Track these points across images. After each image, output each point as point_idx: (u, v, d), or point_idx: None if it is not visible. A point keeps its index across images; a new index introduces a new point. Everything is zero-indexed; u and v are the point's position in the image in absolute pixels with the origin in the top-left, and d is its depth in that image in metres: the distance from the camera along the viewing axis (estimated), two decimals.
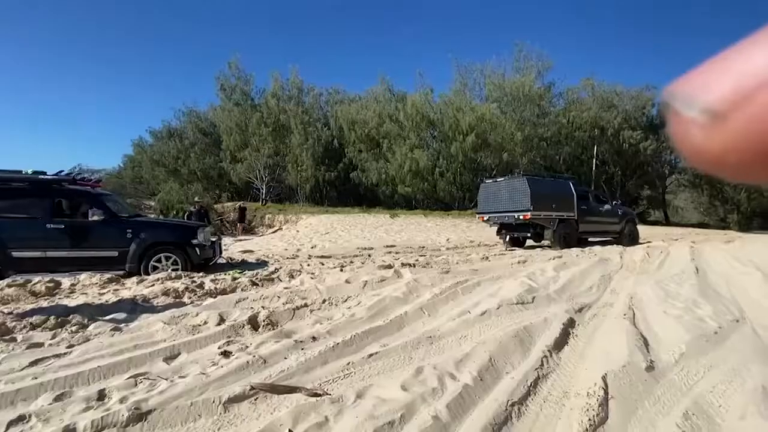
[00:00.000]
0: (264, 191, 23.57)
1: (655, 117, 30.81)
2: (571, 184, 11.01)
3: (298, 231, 13.23)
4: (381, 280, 4.86)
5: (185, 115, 30.03)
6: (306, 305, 3.93)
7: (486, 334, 3.08)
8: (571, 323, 3.40)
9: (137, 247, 5.95)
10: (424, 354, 2.78)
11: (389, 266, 5.92)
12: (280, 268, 6.22)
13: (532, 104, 24.55)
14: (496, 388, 2.27)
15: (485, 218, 11.24)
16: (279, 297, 4.21)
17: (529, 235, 10.67)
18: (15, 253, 5.51)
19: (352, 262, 6.96)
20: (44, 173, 5.95)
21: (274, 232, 15.06)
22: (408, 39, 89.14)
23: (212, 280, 5.09)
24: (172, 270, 5.93)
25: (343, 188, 25.91)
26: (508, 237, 10.98)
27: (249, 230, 17.12)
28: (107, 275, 5.40)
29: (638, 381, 2.36)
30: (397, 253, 8.43)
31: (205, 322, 3.47)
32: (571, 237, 10.33)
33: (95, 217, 5.82)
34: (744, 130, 0.21)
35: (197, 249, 6.26)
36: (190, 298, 4.48)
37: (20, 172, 5.89)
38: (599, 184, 27.78)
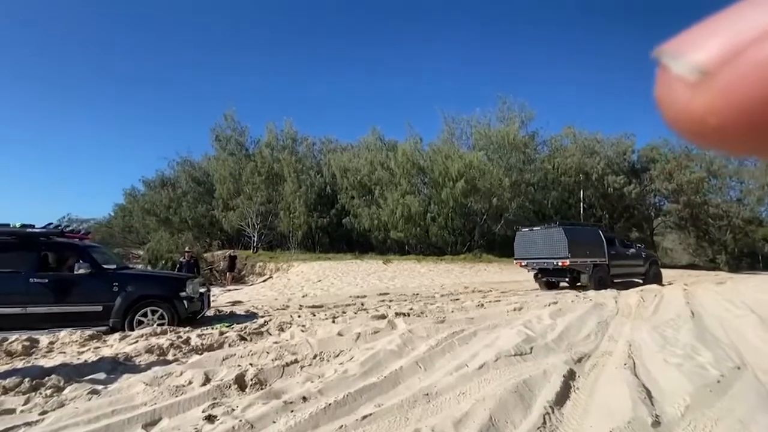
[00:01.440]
0: (255, 239, 23.42)
1: (636, 162, 32.11)
2: (600, 231, 11.91)
3: (289, 279, 12.99)
4: (374, 331, 4.73)
5: (179, 164, 30.49)
6: (296, 361, 3.77)
7: (485, 390, 2.96)
8: (571, 375, 3.29)
9: (123, 300, 5.73)
10: (421, 414, 2.65)
11: (383, 316, 5.78)
12: (270, 320, 6.03)
13: (518, 152, 25.50)
14: None
15: (523, 263, 11.89)
16: (268, 353, 4.05)
17: (567, 279, 11.23)
18: None
19: (344, 312, 6.78)
20: (32, 226, 5.83)
21: (264, 281, 14.76)
22: (397, 91, 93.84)
23: (199, 335, 4.90)
24: (158, 325, 5.68)
25: (335, 234, 25.89)
26: (545, 279, 11.70)
27: (239, 279, 16.77)
28: (88, 332, 5.16)
29: None
30: (390, 301, 8.27)
31: (190, 382, 3.29)
32: (604, 280, 10.93)
33: (81, 271, 5.64)
34: (727, 89, 0.21)
35: (185, 302, 6.04)
36: (174, 355, 4.28)
37: (8, 225, 5.75)
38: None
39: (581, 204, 27.40)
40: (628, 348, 4.18)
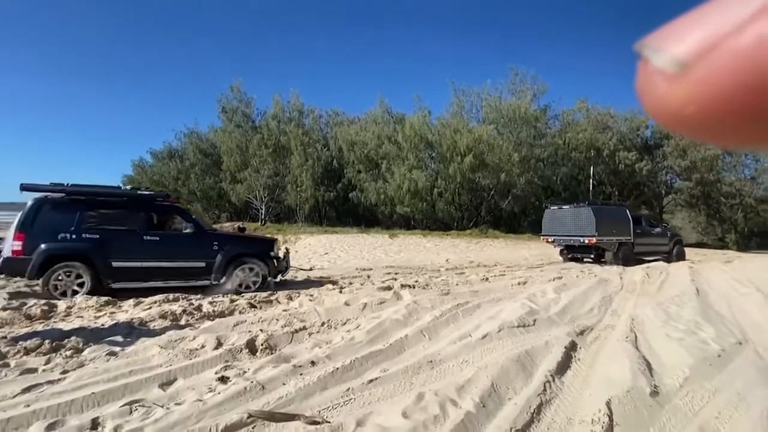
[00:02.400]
0: (263, 211, 23.61)
1: (650, 138, 31.33)
2: (627, 211, 12.34)
3: (296, 251, 13.15)
4: (380, 302, 4.82)
5: (186, 136, 30.41)
6: (305, 328, 3.88)
7: (487, 358, 3.04)
8: (573, 346, 3.36)
9: (222, 258, 6.22)
10: (425, 379, 2.74)
11: (388, 288, 5.88)
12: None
13: (529, 126, 24.94)
14: (499, 415, 2.23)
15: (550, 240, 12.41)
16: (277, 320, 4.17)
17: (591, 256, 11.67)
18: (115, 264, 5.74)
19: (351, 283, 6.91)
20: (138, 189, 6.64)
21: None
22: (406, 63, 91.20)
23: (210, 303, 5.04)
24: (252, 282, 6.33)
25: (342, 208, 25.97)
26: (570, 256, 12.33)
27: None
28: (104, 298, 5.34)
29: (643, 407, 2.32)
30: (396, 273, 8.38)
31: (203, 346, 3.41)
32: (628, 257, 11.38)
33: (188, 230, 6.25)
34: (703, 80, 0.22)
35: (275, 261, 6.63)
36: (187, 320, 4.42)
37: (119, 188, 6.61)
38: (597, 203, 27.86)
39: (591, 180, 27.01)
40: (631, 322, 4.23)
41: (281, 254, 6.95)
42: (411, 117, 23.83)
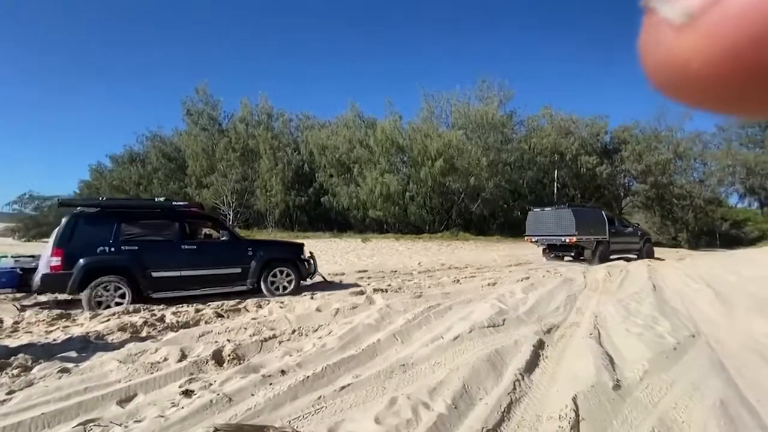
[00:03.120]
0: (231, 217, 22.94)
1: (609, 143, 33.02)
2: (603, 212, 13.44)
3: None
4: (353, 307, 4.79)
5: (148, 139, 29.15)
6: (275, 336, 3.78)
7: (459, 360, 3.07)
8: (540, 345, 3.45)
9: (257, 263, 6.44)
10: (397, 383, 2.73)
11: (361, 292, 5.85)
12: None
13: (496, 131, 25.69)
14: (470, 416, 2.25)
15: (533, 240, 13.22)
16: (245, 329, 4.04)
17: (572, 254, 12.63)
18: (155, 274, 5.80)
19: (323, 289, 6.82)
20: (171, 201, 6.73)
21: None
22: (377, 68, 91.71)
23: (173, 313, 4.82)
24: (287, 284, 6.63)
25: (313, 213, 25.66)
26: (553, 254, 13.26)
27: None
28: (56, 311, 4.99)
29: (606, 401, 2.41)
30: (369, 277, 8.36)
31: (165, 359, 3.26)
32: (605, 255, 12.33)
33: (224, 238, 6.52)
34: (711, 31, 0.21)
35: (305, 263, 6.92)
36: (149, 332, 4.21)
37: (153, 200, 6.85)
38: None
39: (555, 184, 28.09)
40: (594, 319, 4.40)
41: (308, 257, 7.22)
42: (382, 121, 24.00)
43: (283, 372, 2.85)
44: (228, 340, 3.63)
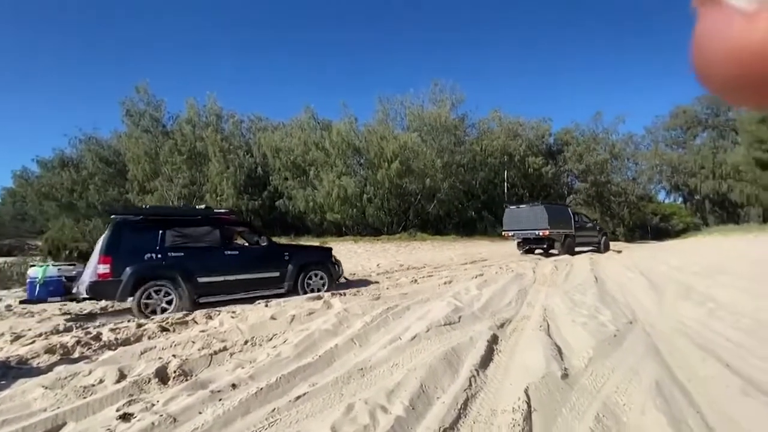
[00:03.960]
0: None
1: (553, 145, 35.11)
2: (569, 209, 15.18)
3: None
4: (309, 312, 4.66)
5: (83, 142, 26.76)
6: (225, 348, 3.59)
7: (417, 360, 3.08)
8: (494, 339, 3.56)
9: (294, 267, 6.74)
10: (355, 388, 2.68)
11: (318, 297, 5.72)
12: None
13: (449, 134, 26.41)
14: (428, 415, 2.25)
15: (510, 234, 14.44)
16: (193, 342, 3.80)
17: (545, 246, 13.99)
18: (201, 279, 5.95)
19: (278, 296, 6.60)
20: (211, 209, 6.99)
21: None
22: (330, 70, 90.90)
23: (111, 330, 4.43)
24: (321, 286, 6.96)
25: (269, 217, 24.84)
26: (527, 247, 14.44)
27: None
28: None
29: (556, 390, 2.51)
30: None
31: (101, 381, 2.98)
32: (571, 247, 13.83)
33: (263, 244, 6.77)
34: None
35: (336, 266, 7.34)
36: (82, 353, 3.83)
37: (195, 207, 7.30)
38: (512, 204, 30.41)
39: (505, 184, 29.37)
40: (543, 312, 4.62)
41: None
42: (338, 123, 23.76)
43: (234, 386, 2.71)
44: (173, 356, 3.39)
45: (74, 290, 5.70)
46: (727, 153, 26.47)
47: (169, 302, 5.68)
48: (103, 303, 6.49)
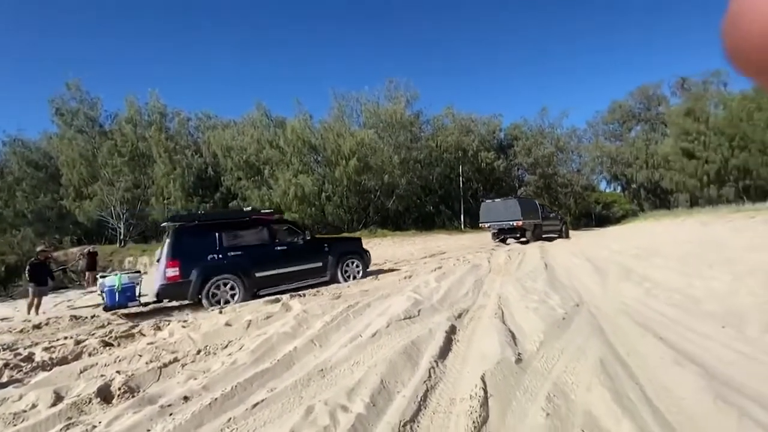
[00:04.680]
0: (122, 230, 20.15)
1: (503, 140, 36.58)
2: (536, 202, 17.17)
3: None
4: (267, 316, 4.53)
5: (6, 145, 24.17)
6: (176, 360, 3.40)
7: (377, 356, 3.08)
8: (452, 330, 3.64)
9: (333, 257, 7.61)
10: (315, 390, 2.63)
11: (277, 300, 5.57)
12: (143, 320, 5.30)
13: (405, 130, 26.70)
14: (388, 411, 2.26)
15: (487, 225, 15.83)
16: (140, 356, 3.56)
17: (518, 235, 15.40)
18: (258, 274, 6.65)
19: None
20: (258, 211, 7.68)
21: None
22: (281, 67, 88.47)
23: (45, 348, 4.05)
24: (356, 273, 7.93)
25: None
26: (501, 237, 15.89)
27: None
28: None
29: (510, 374, 2.61)
30: None
31: (34, 406, 2.72)
32: (539, 235, 15.59)
33: (308, 238, 7.53)
34: None
35: (367, 255, 8.39)
36: (11, 376, 3.47)
37: (242, 210, 8.31)
38: (467, 198, 31.37)
39: (461, 178, 30.20)
40: (498, 300, 4.79)
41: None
42: (292, 121, 23.19)
43: (186, 398, 2.57)
44: (118, 372, 3.16)
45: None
46: (658, 144, 28.92)
47: (233, 295, 6.35)
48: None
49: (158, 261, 6.77)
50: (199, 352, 3.58)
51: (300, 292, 6.12)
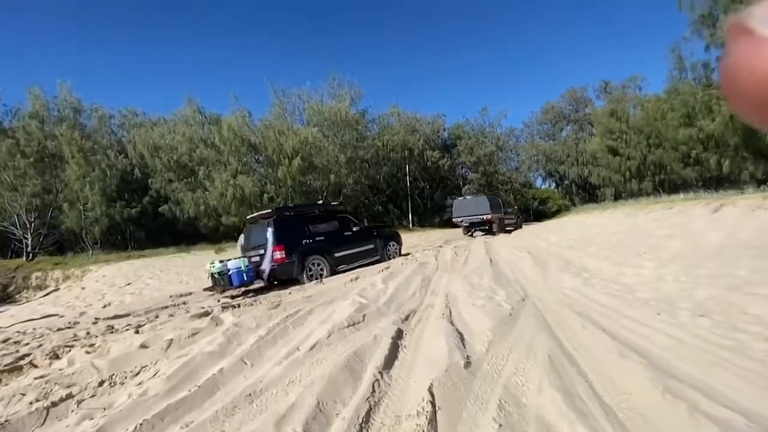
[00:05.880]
0: (30, 242, 17.60)
1: (447, 139, 37.55)
2: (499, 198, 19.84)
3: (84, 288, 10.18)
4: (192, 333, 3.98)
5: None
6: (71, 396, 2.81)
7: (315, 372, 2.74)
8: (399, 335, 3.40)
9: (381, 241, 9.81)
10: (241, 420, 2.25)
11: (206, 313, 4.99)
12: (40, 345, 4.47)
13: (351, 129, 26.30)
14: None
15: (459, 220, 17.52)
16: (23, 394, 2.91)
17: (486, 228, 16.99)
18: (336, 254, 8.45)
19: (157, 316, 5.59)
20: (329, 202, 11.43)
21: (45, 295, 11.18)
22: (215, 62, 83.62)
23: None
24: (395, 253, 10.24)
25: (153, 226, 21.78)
26: (471, 231, 17.43)
27: (5, 298, 12.37)
28: None
29: (460, 381, 2.41)
30: (221, 293, 7.35)
31: None
32: (503, 227, 17.74)
33: (365, 225, 9.86)
34: None
35: (400, 239, 10.77)
36: None
37: (317, 203, 10.92)
38: (414, 197, 31.75)
39: (408, 177, 30.48)
40: (446, 299, 4.66)
41: None
42: (229, 118, 21.71)
43: None
44: None
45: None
46: (586, 143, 31.33)
47: (321, 272, 7.95)
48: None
49: (242, 250, 8.32)
50: (102, 383, 3.01)
51: (235, 303, 5.56)
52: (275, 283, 7.69)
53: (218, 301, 6.29)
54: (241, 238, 8.80)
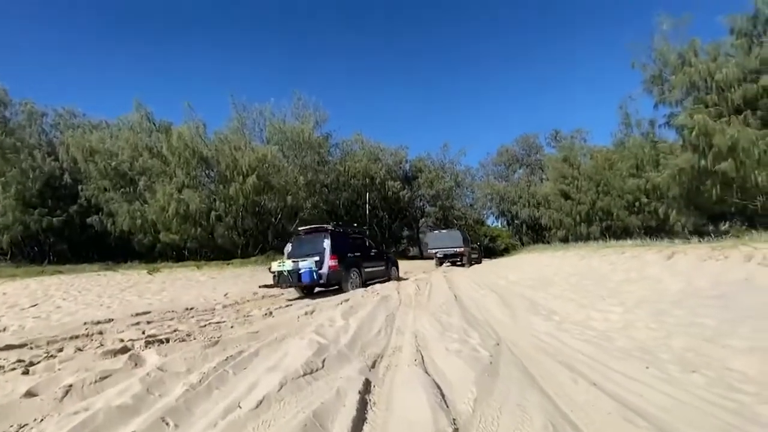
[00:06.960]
0: None
1: (408, 171, 38.13)
2: (466, 233, 22.04)
3: None
4: (101, 377, 3.12)
5: None
6: None
7: None
8: (367, 388, 2.83)
9: (390, 263, 12.38)
10: None
11: (124, 349, 4.07)
12: None
13: (313, 151, 25.75)
14: None
15: (434, 252, 19.16)
16: None
17: (458, 260, 18.56)
18: (365, 270, 10.33)
19: (61, 350, 4.50)
20: (360, 228, 12.96)
21: None
22: (172, 69, 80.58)
23: None
24: (397, 275, 12.91)
25: (79, 239, 19.33)
26: (444, 262, 18.70)
27: None
28: None
29: None
30: (149, 322, 6.23)
31: None
32: (470, 259, 19.63)
33: (379, 248, 12.29)
34: None
35: (397, 264, 13.20)
36: None
37: (356, 226, 13.68)
38: (372, 226, 31.39)
39: (367, 205, 30.18)
40: (415, 340, 4.17)
41: None
42: (180, 127, 20.26)
43: None
44: None
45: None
46: (537, 186, 33.18)
47: (354, 282, 9.52)
48: None
49: (289, 258, 9.41)
50: None
51: (161, 337, 4.64)
52: (305, 292, 9.74)
53: (143, 333, 5.23)
54: (289, 246, 10.15)
